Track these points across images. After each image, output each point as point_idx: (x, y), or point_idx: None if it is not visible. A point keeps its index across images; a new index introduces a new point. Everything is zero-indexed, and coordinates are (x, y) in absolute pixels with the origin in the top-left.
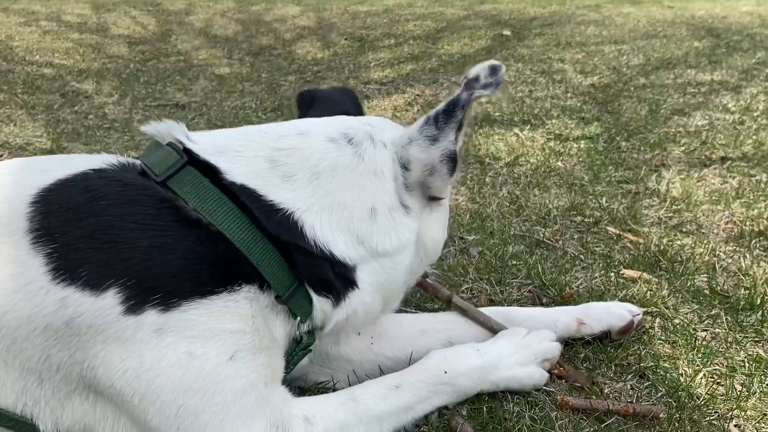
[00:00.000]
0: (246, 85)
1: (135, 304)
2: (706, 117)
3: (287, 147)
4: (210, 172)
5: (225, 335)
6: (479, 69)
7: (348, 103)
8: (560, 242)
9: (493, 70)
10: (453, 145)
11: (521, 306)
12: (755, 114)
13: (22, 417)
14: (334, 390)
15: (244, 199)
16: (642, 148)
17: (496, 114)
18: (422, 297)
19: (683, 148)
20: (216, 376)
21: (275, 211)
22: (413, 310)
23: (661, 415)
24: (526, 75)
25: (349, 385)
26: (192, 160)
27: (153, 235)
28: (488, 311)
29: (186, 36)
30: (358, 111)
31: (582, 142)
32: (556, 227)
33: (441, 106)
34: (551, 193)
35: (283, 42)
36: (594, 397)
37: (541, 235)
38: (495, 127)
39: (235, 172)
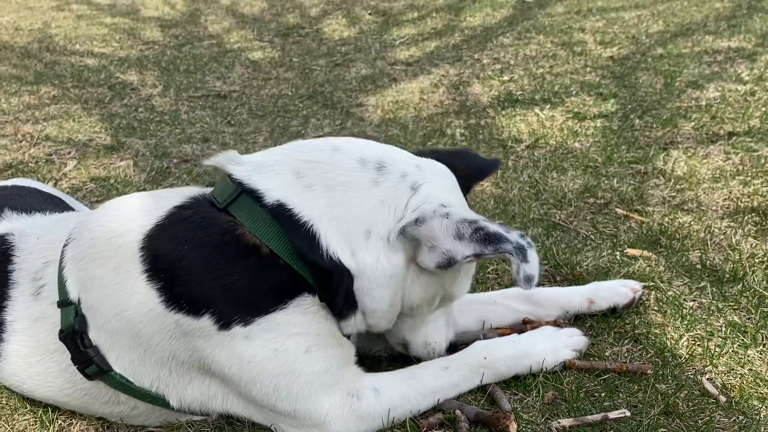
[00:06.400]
0: (280, 71)
1: (224, 323)
2: (719, 89)
3: (315, 160)
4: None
5: (295, 336)
6: (524, 248)
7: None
8: (574, 224)
9: (524, 256)
10: (461, 257)
11: (538, 284)
12: (767, 84)
13: (156, 394)
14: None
15: (279, 221)
16: (654, 125)
17: (518, 93)
18: None
19: (693, 123)
20: (298, 363)
21: (300, 226)
22: None
23: (648, 371)
24: (547, 48)
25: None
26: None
27: (227, 273)
28: (513, 291)
29: (215, 16)
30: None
31: (599, 120)
32: (570, 209)
33: (494, 229)
34: (567, 176)
35: (309, 20)
36: (596, 358)
37: (557, 218)
38: (517, 108)
39: (271, 187)
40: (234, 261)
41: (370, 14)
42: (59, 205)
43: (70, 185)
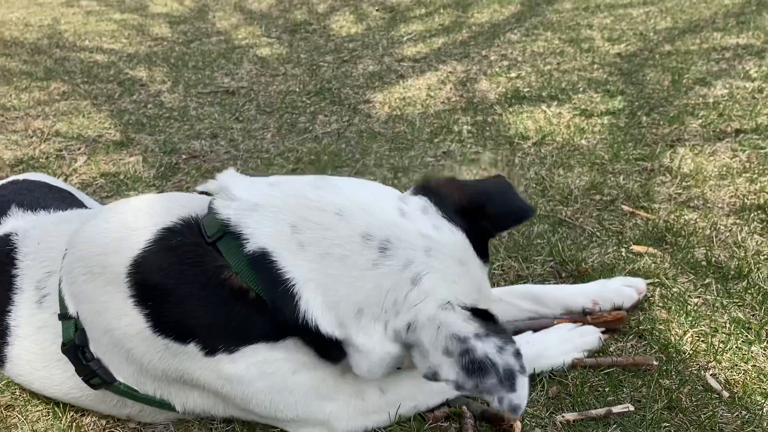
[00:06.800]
0: (288, 67)
1: (209, 351)
2: (727, 86)
3: (316, 221)
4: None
5: (282, 361)
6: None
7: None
8: (580, 220)
9: (513, 409)
10: (445, 375)
11: (544, 280)
12: None
13: (161, 400)
14: None
15: (257, 269)
16: (661, 123)
17: (525, 90)
18: None
19: (700, 121)
20: (288, 382)
21: (280, 282)
22: None
23: (653, 362)
24: (555, 45)
25: None
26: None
27: (214, 314)
28: (521, 289)
29: (222, 13)
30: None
31: (606, 117)
32: (576, 206)
33: (480, 355)
34: (574, 173)
35: (317, 16)
36: (601, 354)
37: (563, 215)
38: (524, 104)
39: (259, 233)
40: (221, 304)
41: (377, 11)
42: (66, 200)
43: (80, 181)
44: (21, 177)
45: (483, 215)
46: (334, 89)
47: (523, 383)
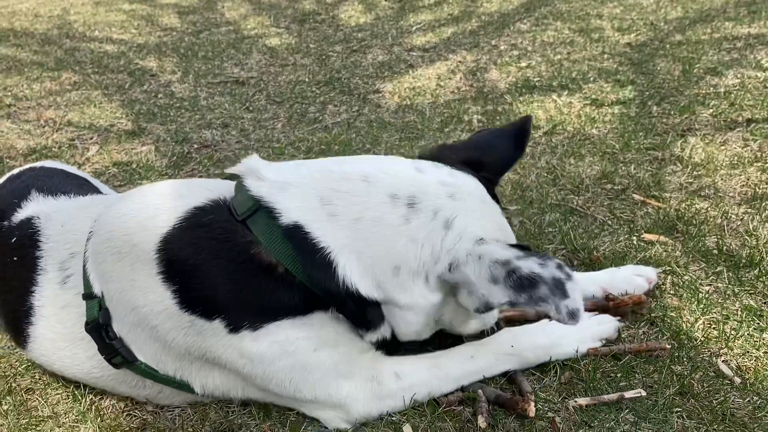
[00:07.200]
0: (297, 57)
1: (234, 327)
2: (738, 75)
3: (344, 190)
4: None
5: (304, 340)
6: (562, 281)
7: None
8: (591, 209)
9: (571, 314)
10: (498, 300)
11: None
12: None
13: (181, 380)
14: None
15: (293, 241)
16: (672, 113)
17: (536, 80)
18: None
19: (711, 110)
20: (309, 360)
21: (316, 251)
22: None
23: (666, 347)
24: (565, 35)
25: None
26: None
27: (241, 288)
28: None
29: (231, 3)
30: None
31: (616, 107)
32: (588, 195)
33: (527, 271)
34: (585, 162)
35: (325, 6)
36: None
37: (575, 204)
38: (534, 94)
39: (291, 207)
40: (249, 278)
41: (386, 0)
42: (84, 187)
43: (93, 170)
44: (38, 164)
45: (481, 167)
46: (344, 79)
47: (573, 288)
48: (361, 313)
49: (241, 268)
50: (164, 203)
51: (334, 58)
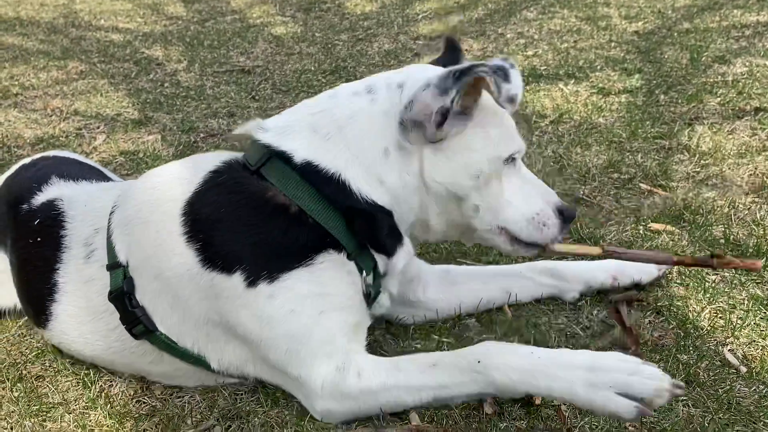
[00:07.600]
0: (303, 46)
1: (252, 280)
2: (746, 64)
3: (319, 110)
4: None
5: (314, 297)
6: (505, 67)
7: None
8: (598, 198)
9: (505, 75)
10: (450, 99)
11: (563, 258)
12: None
13: (198, 354)
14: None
15: (308, 177)
16: (679, 101)
17: (542, 68)
18: (479, 249)
19: (719, 99)
20: (310, 326)
21: (330, 178)
22: (471, 262)
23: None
24: (572, 23)
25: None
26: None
27: (258, 232)
28: (541, 265)
29: None
30: None
31: (623, 96)
32: (594, 184)
33: (466, 64)
34: (591, 151)
35: None
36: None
37: (581, 193)
38: (541, 83)
39: (297, 147)
40: (264, 220)
41: None
42: (99, 175)
43: (100, 159)
44: (50, 153)
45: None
46: (350, 68)
47: (515, 75)
48: (380, 227)
49: (255, 212)
50: (183, 175)
51: (339, 47)
